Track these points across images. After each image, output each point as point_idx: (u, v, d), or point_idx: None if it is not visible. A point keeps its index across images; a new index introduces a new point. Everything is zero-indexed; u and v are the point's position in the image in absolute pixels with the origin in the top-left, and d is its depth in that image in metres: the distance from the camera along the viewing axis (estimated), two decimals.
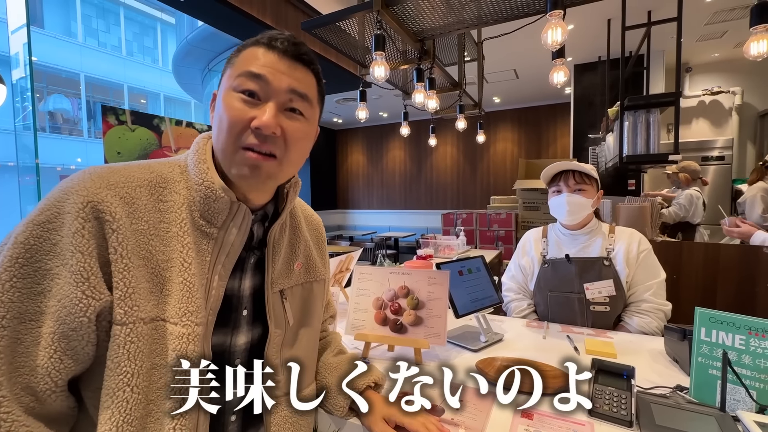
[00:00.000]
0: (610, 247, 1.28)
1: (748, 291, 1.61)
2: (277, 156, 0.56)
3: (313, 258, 0.74)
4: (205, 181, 0.55)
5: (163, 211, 0.54)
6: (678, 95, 2.63)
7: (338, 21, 1.67)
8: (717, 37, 3.87)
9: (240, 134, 0.53)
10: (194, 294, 0.53)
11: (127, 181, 0.52)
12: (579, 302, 1.28)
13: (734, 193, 4.03)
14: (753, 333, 0.73)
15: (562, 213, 1.32)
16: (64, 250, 0.46)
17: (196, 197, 0.55)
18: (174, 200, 0.55)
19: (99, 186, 0.49)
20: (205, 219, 0.56)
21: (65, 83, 11.99)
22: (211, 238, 0.56)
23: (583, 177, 1.29)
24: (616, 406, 0.73)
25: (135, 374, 0.48)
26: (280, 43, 0.55)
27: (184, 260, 0.53)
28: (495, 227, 3.62)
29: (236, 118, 0.53)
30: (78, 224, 0.47)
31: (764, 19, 1.27)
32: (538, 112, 6.48)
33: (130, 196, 0.51)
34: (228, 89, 0.55)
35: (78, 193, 0.48)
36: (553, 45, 1.25)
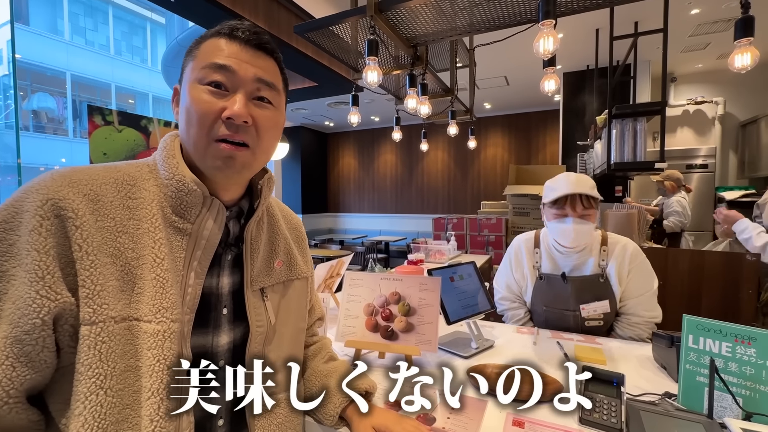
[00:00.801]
0: (603, 262, 1.26)
1: (733, 297, 1.64)
2: (250, 145, 0.56)
3: (294, 256, 0.73)
4: (176, 175, 0.54)
5: (132, 208, 0.52)
6: (664, 104, 2.69)
7: (331, 25, 1.67)
8: (701, 48, 3.98)
9: (212, 126, 0.53)
10: (168, 290, 0.52)
11: (90, 179, 0.51)
12: (574, 318, 1.28)
13: (717, 199, 4.14)
14: (739, 340, 0.74)
15: (567, 239, 1.24)
16: (20, 250, 0.45)
17: (168, 192, 0.55)
18: (144, 197, 0.53)
19: (60, 184, 0.48)
20: (178, 214, 0.55)
21: (51, 82, 11.74)
22: (185, 233, 0.55)
23: (590, 201, 1.22)
24: (606, 413, 0.73)
25: (108, 376, 0.46)
26: (241, 33, 0.55)
27: (156, 256, 0.52)
28: (485, 232, 3.64)
29: (206, 111, 0.53)
30: (35, 222, 0.45)
31: (748, 33, 1.30)
32: (528, 118, 6.56)
33: (94, 193, 0.50)
34: (193, 82, 0.54)
35: (38, 192, 0.47)
36: (545, 54, 1.27)
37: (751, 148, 4.32)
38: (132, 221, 0.51)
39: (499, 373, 0.89)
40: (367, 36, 1.57)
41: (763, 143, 4.10)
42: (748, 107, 4.49)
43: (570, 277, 1.27)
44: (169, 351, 0.50)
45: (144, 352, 0.49)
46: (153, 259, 0.51)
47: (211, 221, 0.57)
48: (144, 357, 0.49)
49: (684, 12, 3.24)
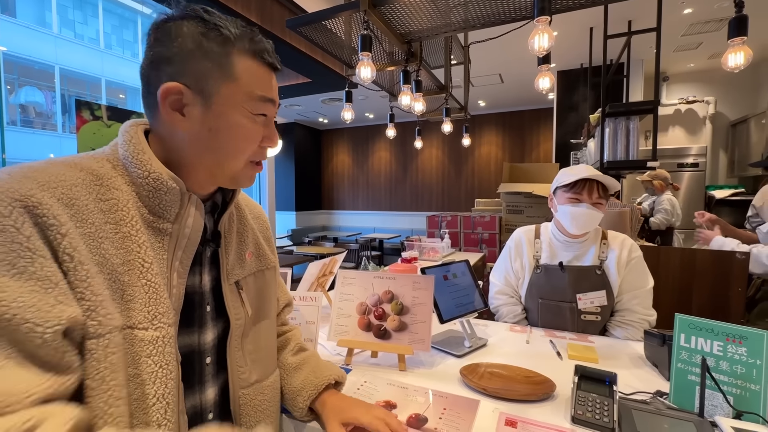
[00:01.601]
0: (603, 255, 1.27)
1: (722, 295, 1.66)
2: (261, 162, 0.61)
3: (261, 246, 0.73)
4: (152, 173, 0.51)
5: (106, 211, 0.48)
6: (656, 103, 2.71)
7: (324, 20, 1.64)
8: (693, 48, 4.01)
9: (254, 152, 0.57)
10: (161, 294, 0.50)
11: (59, 181, 0.45)
12: (570, 311, 1.27)
13: (707, 198, 4.18)
14: (730, 339, 0.75)
15: (577, 224, 1.23)
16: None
17: (142, 192, 0.51)
18: (116, 198, 0.49)
19: (29, 187, 0.42)
20: (155, 214, 0.52)
21: (38, 75, 11.51)
22: (165, 233, 0.53)
23: (605, 191, 1.24)
24: (599, 412, 0.73)
25: (121, 386, 0.45)
26: (276, 61, 0.57)
27: (144, 260, 0.49)
28: (479, 230, 3.64)
29: (254, 138, 0.56)
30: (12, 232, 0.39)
31: (741, 32, 1.31)
32: (522, 116, 6.58)
33: (67, 197, 0.45)
34: (239, 108, 0.53)
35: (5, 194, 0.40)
36: (539, 51, 1.26)
37: (741, 147, 4.37)
38: (109, 225, 0.48)
39: (492, 372, 0.89)
40: (360, 31, 1.55)
41: (752, 142, 4.15)
42: (738, 107, 4.54)
43: (567, 267, 1.27)
44: (169, 356, 0.50)
45: (143, 359, 0.47)
46: (141, 264, 0.49)
47: (191, 219, 0.55)
48: (144, 364, 0.47)
49: (677, 11, 3.26)
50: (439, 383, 0.89)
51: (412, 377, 0.93)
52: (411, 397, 0.83)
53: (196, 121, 0.52)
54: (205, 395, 0.59)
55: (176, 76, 0.50)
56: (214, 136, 0.53)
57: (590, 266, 1.27)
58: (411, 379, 0.92)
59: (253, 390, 0.64)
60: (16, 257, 0.39)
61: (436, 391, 0.85)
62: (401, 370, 0.96)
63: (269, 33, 3.05)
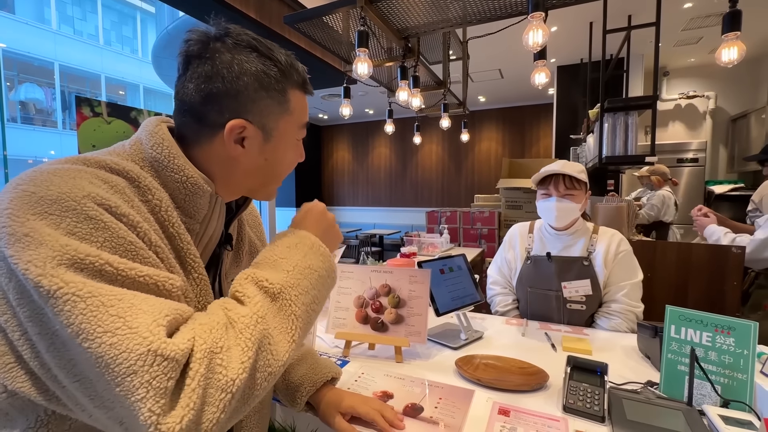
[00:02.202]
0: (591, 248, 1.31)
1: (718, 289, 1.67)
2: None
3: (254, 243, 0.74)
4: (189, 178, 0.50)
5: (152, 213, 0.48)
6: (655, 99, 2.70)
7: (321, 16, 1.65)
8: (693, 42, 3.99)
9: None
10: (208, 288, 0.54)
11: (115, 187, 0.44)
12: (556, 300, 1.31)
13: (707, 193, 4.19)
14: (719, 330, 0.76)
15: (551, 218, 1.32)
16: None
17: (178, 195, 0.51)
18: (158, 198, 0.48)
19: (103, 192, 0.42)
20: (188, 215, 0.53)
21: (38, 72, 11.49)
22: (194, 233, 0.55)
23: (573, 182, 1.29)
24: (590, 401, 0.75)
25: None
26: (312, 90, 0.61)
27: (195, 256, 0.52)
28: (478, 225, 3.66)
29: (297, 163, 0.62)
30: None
31: (735, 27, 1.31)
32: (522, 112, 6.57)
33: (130, 203, 0.45)
34: (293, 140, 0.59)
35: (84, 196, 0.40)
36: (534, 46, 1.27)
37: (741, 142, 4.37)
38: (157, 224, 0.48)
39: (486, 363, 0.91)
40: (357, 27, 1.56)
41: (752, 137, 4.15)
42: (739, 102, 4.53)
43: (554, 257, 1.33)
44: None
45: None
46: (192, 260, 0.51)
47: (215, 221, 0.57)
48: None
49: (677, 6, 3.24)
50: (435, 374, 0.91)
51: (409, 368, 0.95)
52: (407, 387, 0.85)
53: (254, 153, 0.55)
54: None
55: (241, 113, 0.51)
56: (269, 164, 0.57)
57: (577, 257, 1.31)
58: (407, 370, 0.94)
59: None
60: (125, 246, 0.42)
61: (432, 382, 0.87)
62: (398, 362, 0.98)
63: (267, 29, 3.05)
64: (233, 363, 0.40)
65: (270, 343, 0.44)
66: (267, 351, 0.43)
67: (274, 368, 0.44)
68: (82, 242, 0.38)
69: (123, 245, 0.41)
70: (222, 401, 0.39)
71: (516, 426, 0.70)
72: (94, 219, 0.40)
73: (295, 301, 0.47)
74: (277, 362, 0.44)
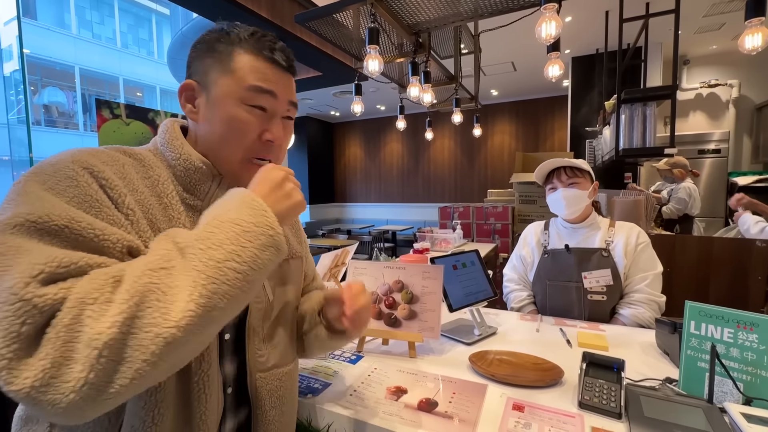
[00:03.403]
0: (610, 239, 1.31)
1: (741, 284, 1.63)
2: (272, 160, 0.61)
3: (286, 235, 0.74)
4: (183, 155, 0.57)
5: (150, 186, 0.54)
6: (675, 88, 2.63)
7: (332, 14, 1.65)
8: (715, 29, 3.85)
9: (251, 144, 0.57)
10: None
11: (114, 160, 0.52)
12: (577, 291, 1.30)
13: (729, 185, 4.05)
14: (741, 326, 0.74)
15: (561, 208, 1.34)
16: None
17: (177, 172, 0.57)
18: (157, 175, 0.56)
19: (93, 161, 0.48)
20: (189, 191, 0.58)
21: (60, 76, 11.84)
22: (196, 210, 0.58)
23: (575, 171, 1.32)
24: (606, 398, 0.74)
25: None
26: (282, 60, 0.58)
27: (185, 226, 0.55)
28: (492, 220, 3.62)
29: (249, 131, 0.57)
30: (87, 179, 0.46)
31: (759, 12, 1.26)
32: (536, 104, 6.45)
33: (121, 172, 0.51)
34: (235, 99, 0.56)
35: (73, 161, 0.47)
36: (547, 39, 1.25)
37: (766, 131, 4.20)
38: (153, 197, 0.54)
39: (500, 359, 0.91)
40: (368, 24, 1.55)
41: None
42: (764, 90, 4.35)
43: (573, 248, 1.33)
44: None
45: None
46: (183, 227, 0.54)
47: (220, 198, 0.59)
48: None
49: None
50: (449, 370, 0.91)
51: (422, 364, 0.95)
52: (421, 382, 0.85)
53: (201, 113, 0.58)
54: (224, 369, 0.60)
55: (192, 74, 0.58)
56: (212, 127, 0.57)
57: (596, 248, 1.31)
58: (421, 365, 0.94)
59: (270, 375, 0.65)
60: (90, 202, 0.46)
61: (445, 377, 0.87)
62: (411, 357, 0.99)
63: (279, 28, 3.07)
64: (105, 316, 0.36)
65: (159, 299, 0.38)
66: (153, 308, 0.38)
67: (163, 329, 0.37)
68: (55, 196, 0.43)
69: (88, 201, 0.45)
70: (87, 358, 0.35)
71: (531, 421, 0.70)
72: (71, 178, 0.45)
73: (200, 255, 0.41)
74: (167, 322, 0.37)
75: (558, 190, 1.33)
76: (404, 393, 0.81)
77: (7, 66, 2.91)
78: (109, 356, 0.35)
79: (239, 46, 0.57)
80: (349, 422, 0.75)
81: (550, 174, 1.38)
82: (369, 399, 0.80)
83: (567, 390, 0.82)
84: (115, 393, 0.36)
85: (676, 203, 3.09)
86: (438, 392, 0.81)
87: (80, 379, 0.34)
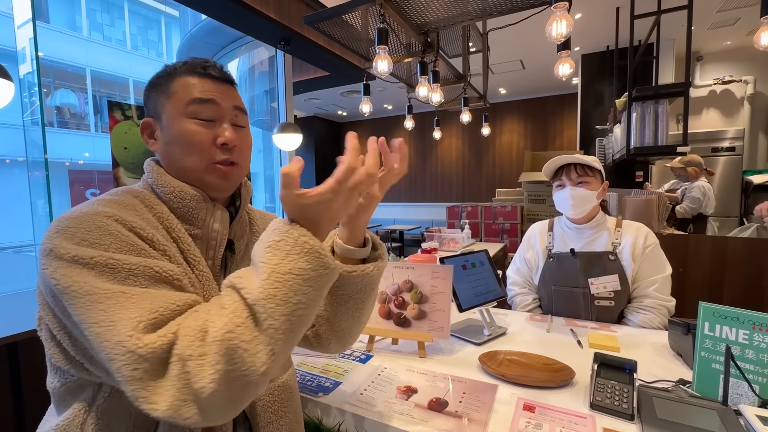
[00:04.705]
0: (617, 241, 1.27)
1: (756, 285, 1.60)
2: (238, 163, 0.64)
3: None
4: (176, 187, 0.60)
5: (158, 221, 0.58)
6: (687, 85, 2.58)
7: (341, 14, 1.66)
8: (729, 24, 3.78)
9: (208, 152, 0.61)
10: (212, 282, 0.59)
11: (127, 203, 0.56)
12: (583, 297, 1.28)
13: (744, 184, 3.97)
14: (757, 328, 0.73)
15: (567, 207, 1.31)
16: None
17: (173, 205, 0.60)
18: (161, 210, 0.59)
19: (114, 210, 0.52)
20: (187, 222, 0.61)
21: (71, 78, 12.04)
22: (197, 238, 0.61)
23: (585, 169, 1.28)
24: (618, 399, 0.73)
25: None
26: (213, 71, 0.63)
27: (195, 255, 0.59)
28: (500, 220, 3.61)
29: (202, 140, 0.60)
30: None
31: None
32: (545, 103, 6.40)
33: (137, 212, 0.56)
34: (181, 117, 0.60)
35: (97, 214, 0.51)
36: (557, 38, 1.23)
37: None
38: (161, 232, 0.57)
39: (511, 359, 0.91)
40: (377, 24, 1.56)
41: None
42: None
43: (579, 253, 1.30)
44: None
45: None
46: (194, 258, 0.58)
47: (218, 224, 0.63)
48: None
49: None
50: (459, 369, 0.91)
51: (432, 364, 0.95)
52: (431, 382, 0.86)
53: (160, 142, 0.63)
54: None
55: (148, 114, 0.65)
56: (171, 148, 0.61)
57: (603, 252, 1.28)
58: (431, 365, 0.94)
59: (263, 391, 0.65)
60: (128, 247, 0.49)
61: (455, 377, 0.87)
62: (421, 357, 0.99)
63: (287, 28, 3.09)
64: (204, 372, 0.42)
65: (241, 356, 0.42)
66: (240, 362, 0.42)
67: (253, 378, 0.43)
68: (90, 247, 0.47)
69: (127, 245, 0.49)
70: (194, 402, 0.42)
71: (542, 422, 0.70)
72: (101, 227, 0.49)
73: (272, 313, 0.44)
74: (255, 372, 0.43)
75: (566, 188, 1.29)
76: (414, 392, 0.82)
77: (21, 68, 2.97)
78: (216, 402, 0.43)
79: (175, 75, 0.62)
80: (359, 421, 0.75)
81: (559, 170, 1.33)
82: (379, 398, 0.80)
83: (578, 391, 0.81)
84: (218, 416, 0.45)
85: (690, 202, 3.04)
86: (448, 392, 0.81)
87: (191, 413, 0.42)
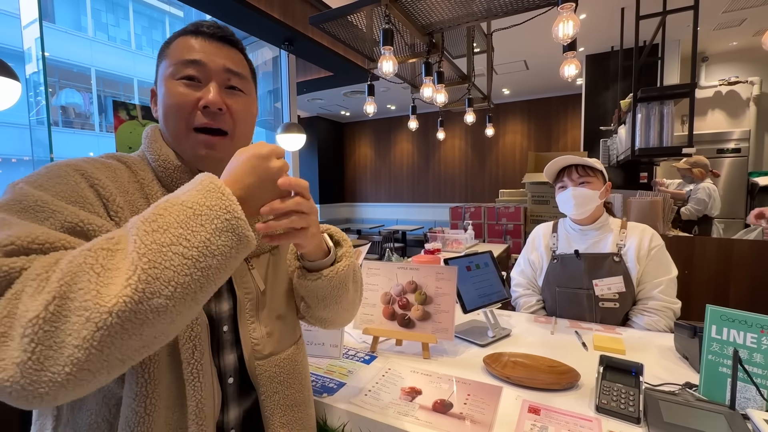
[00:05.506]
0: (621, 242, 1.27)
1: (762, 287, 1.58)
2: (229, 132, 0.61)
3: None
4: (161, 156, 0.59)
5: (138, 189, 0.57)
6: (693, 86, 2.57)
7: (346, 15, 1.66)
8: (735, 25, 3.75)
9: (190, 116, 0.58)
10: None
11: (107, 166, 0.56)
12: (588, 298, 1.27)
13: (750, 185, 3.94)
14: (765, 331, 0.73)
15: (570, 207, 1.30)
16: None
17: (159, 173, 0.60)
18: (144, 177, 0.59)
19: (86, 166, 0.52)
20: (170, 189, 0.59)
21: (77, 78, 12.11)
22: None
23: (586, 170, 1.28)
24: (624, 402, 0.73)
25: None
26: (206, 28, 0.60)
27: None
28: (503, 221, 3.60)
29: (183, 101, 0.58)
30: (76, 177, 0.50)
31: None
32: (549, 103, 6.38)
33: (113, 175, 0.55)
34: (167, 78, 0.59)
35: (67, 165, 0.51)
36: (564, 39, 1.23)
37: None
38: (142, 198, 0.57)
39: (515, 361, 0.90)
40: (381, 25, 1.56)
41: None
42: None
43: (583, 254, 1.29)
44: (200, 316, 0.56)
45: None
46: None
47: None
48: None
49: None
50: (463, 371, 0.91)
51: (436, 365, 0.95)
52: (435, 383, 0.85)
53: (158, 107, 0.62)
54: (224, 360, 0.61)
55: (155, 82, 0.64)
56: (161, 111, 0.60)
57: (607, 253, 1.27)
58: (435, 366, 0.94)
59: (268, 362, 0.64)
60: (75, 198, 0.48)
61: (460, 378, 0.87)
62: (425, 358, 0.99)
63: (291, 28, 3.09)
64: (41, 294, 0.35)
65: (90, 280, 0.35)
66: (85, 289, 0.35)
67: (95, 314, 0.34)
68: (38, 189, 0.46)
69: (76, 195, 0.48)
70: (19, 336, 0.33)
71: (547, 425, 0.70)
72: (61, 176, 0.49)
73: (144, 237, 0.38)
74: (98, 306, 0.34)
75: (568, 189, 1.30)
76: (418, 394, 0.82)
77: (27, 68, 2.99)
78: (39, 339, 0.33)
79: (175, 37, 0.61)
80: (364, 422, 0.75)
81: (560, 172, 1.34)
82: (383, 399, 0.80)
83: (583, 393, 0.81)
84: (49, 382, 0.33)
85: (695, 204, 3.02)
86: (452, 394, 0.81)
87: (14, 357, 0.33)
